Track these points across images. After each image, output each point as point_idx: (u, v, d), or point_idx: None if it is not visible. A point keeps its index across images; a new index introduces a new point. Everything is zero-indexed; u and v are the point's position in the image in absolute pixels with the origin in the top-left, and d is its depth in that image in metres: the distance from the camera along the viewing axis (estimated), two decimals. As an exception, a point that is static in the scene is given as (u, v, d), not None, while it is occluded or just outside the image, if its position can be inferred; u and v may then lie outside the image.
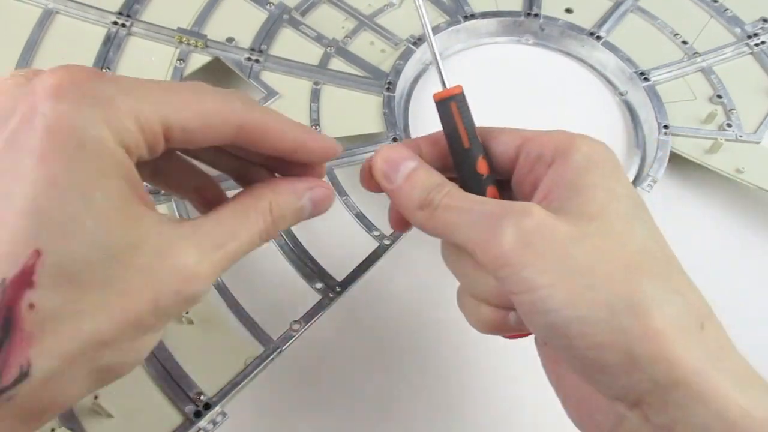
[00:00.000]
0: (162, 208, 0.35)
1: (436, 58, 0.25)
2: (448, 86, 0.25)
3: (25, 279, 0.17)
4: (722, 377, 0.19)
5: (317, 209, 0.25)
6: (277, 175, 0.26)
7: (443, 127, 0.25)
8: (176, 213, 0.35)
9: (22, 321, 0.17)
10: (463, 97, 0.25)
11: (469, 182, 0.24)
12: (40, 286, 0.17)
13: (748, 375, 0.20)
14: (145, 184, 0.23)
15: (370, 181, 0.25)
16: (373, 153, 0.25)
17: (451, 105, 0.24)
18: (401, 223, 0.27)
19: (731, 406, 0.18)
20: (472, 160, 0.24)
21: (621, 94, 0.46)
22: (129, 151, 0.19)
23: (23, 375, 0.17)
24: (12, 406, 0.17)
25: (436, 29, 0.46)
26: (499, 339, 0.25)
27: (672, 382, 0.19)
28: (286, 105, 0.41)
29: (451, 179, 0.24)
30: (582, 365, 0.20)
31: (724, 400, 0.18)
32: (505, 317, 0.23)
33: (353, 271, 0.35)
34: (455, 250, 0.24)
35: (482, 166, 0.24)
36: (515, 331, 0.24)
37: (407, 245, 0.36)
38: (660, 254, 0.21)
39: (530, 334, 0.24)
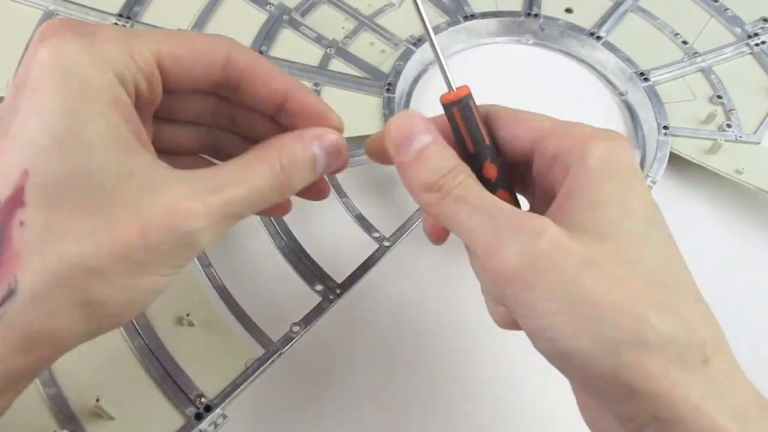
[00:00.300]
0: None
1: (440, 59, 0.24)
2: (454, 88, 0.24)
3: (17, 198, 0.18)
4: (721, 413, 0.19)
5: (332, 161, 0.24)
6: None
7: (452, 129, 0.24)
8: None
9: (12, 240, 0.18)
10: (468, 99, 0.23)
11: None
12: (28, 205, 0.18)
13: (748, 407, 0.20)
14: None
15: (381, 151, 0.25)
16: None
17: (454, 110, 0.23)
18: (438, 234, 0.26)
19: None
20: (477, 165, 0.23)
21: (621, 94, 0.46)
22: (123, 79, 0.20)
23: (10, 292, 0.18)
24: (1, 327, 0.18)
25: (436, 29, 0.46)
26: (500, 340, 0.25)
27: (671, 418, 0.19)
28: (286, 106, 0.41)
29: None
30: (586, 391, 0.21)
31: None
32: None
33: (353, 272, 0.35)
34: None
35: (490, 170, 0.23)
36: None
37: (407, 247, 0.37)
38: (671, 279, 0.20)
39: None
